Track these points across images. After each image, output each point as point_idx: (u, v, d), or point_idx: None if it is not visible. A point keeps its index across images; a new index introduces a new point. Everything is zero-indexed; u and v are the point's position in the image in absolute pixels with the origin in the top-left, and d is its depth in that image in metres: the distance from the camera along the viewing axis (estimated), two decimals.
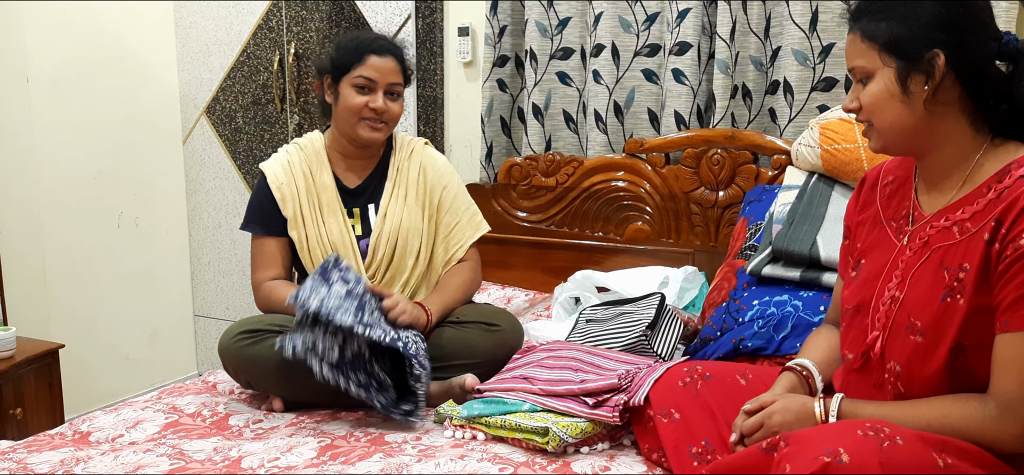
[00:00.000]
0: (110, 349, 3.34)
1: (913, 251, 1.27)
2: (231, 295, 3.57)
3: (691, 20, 2.44)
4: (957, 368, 1.19)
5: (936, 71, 1.20)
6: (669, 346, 1.89)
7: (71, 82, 3.12)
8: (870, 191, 1.43)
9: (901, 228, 1.32)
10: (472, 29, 2.89)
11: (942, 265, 1.22)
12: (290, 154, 2.06)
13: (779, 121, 2.42)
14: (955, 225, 1.22)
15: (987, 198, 1.20)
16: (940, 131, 1.25)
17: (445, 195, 2.09)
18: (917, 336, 1.22)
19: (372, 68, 1.98)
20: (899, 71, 1.23)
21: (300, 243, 2.00)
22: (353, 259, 1.99)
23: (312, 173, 2.04)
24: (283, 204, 2.00)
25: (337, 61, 2.01)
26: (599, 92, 2.61)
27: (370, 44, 2.00)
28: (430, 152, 2.14)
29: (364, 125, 1.99)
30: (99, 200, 3.26)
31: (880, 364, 1.28)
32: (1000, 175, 1.21)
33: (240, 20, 3.35)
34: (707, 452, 1.37)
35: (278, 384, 1.81)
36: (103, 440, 1.67)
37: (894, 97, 1.24)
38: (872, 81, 1.26)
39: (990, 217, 1.17)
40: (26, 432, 2.39)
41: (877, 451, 1.04)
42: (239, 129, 3.45)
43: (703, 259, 2.49)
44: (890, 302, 1.27)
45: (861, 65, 1.26)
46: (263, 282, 2.00)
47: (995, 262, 1.16)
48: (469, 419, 1.60)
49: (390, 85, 2.00)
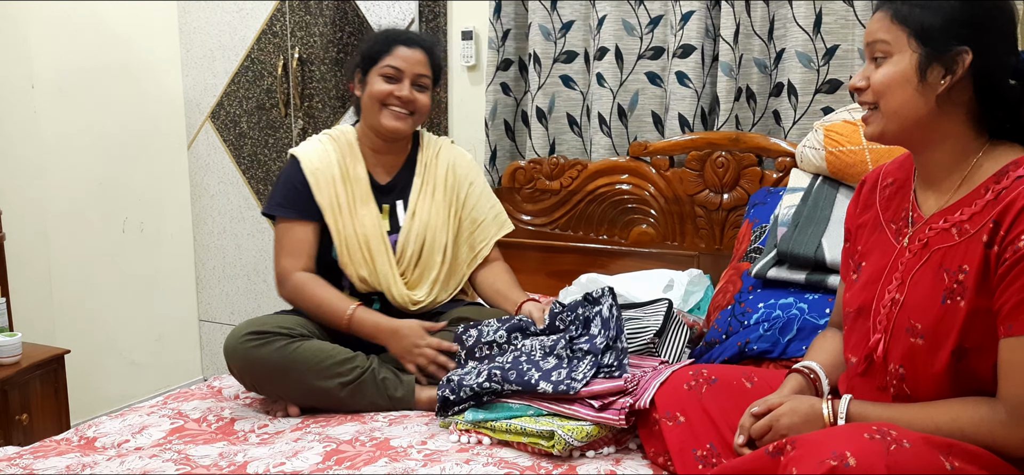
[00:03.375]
0: (115, 354, 3.35)
1: (913, 253, 1.27)
2: (236, 300, 3.58)
3: (695, 23, 2.44)
4: (960, 370, 1.19)
5: (959, 68, 1.20)
6: (676, 352, 1.88)
7: (76, 88, 3.13)
8: (870, 193, 1.43)
9: (901, 230, 1.32)
10: (475, 33, 2.89)
11: (942, 267, 1.21)
12: (323, 143, 2.05)
13: (783, 123, 2.42)
14: (954, 227, 1.22)
15: (985, 199, 1.20)
16: (941, 128, 1.25)
17: (471, 191, 2.11)
18: (918, 338, 1.22)
19: (400, 58, 2.00)
20: (922, 58, 1.22)
21: (337, 232, 1.97)
22: (385, 253, 1.98)
23: (347, 164, 2.03)
24: (318, 190, 1.98)
25: (367, 52, 2.03)
26: (603, 95, 2.61)
27: (399, 35, 2.04)
28: (457, 149, 2.16)
29: (388, 113, 2.00)
30: (104, 205, 3.27)
31: (883, 367, 1.27)
32: (998, 176, 1.20)
33: (244, 25, 3.35)
34: (712, 455, 1.37)
35: (284, 387, 1.81)
36: (109, 445, 1.67)
37: (909, 82, 1.23)
38: (889, 61, 1.24)
39: (988, 218, 1.17)
40: (32, 438, 2.40)
41: (884, 454, 1.04)
42: (243, 134, 3.45)
43: (708, 262, 2.49)
44: (891, 305, 1.27)
45: (883, 41, 1.25)
46: (292, 272, 1.95)
47: (994, 265, 1.15)
48: (474, 423, 1.60)
49: (417, 76, 2.01)
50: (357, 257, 1.97)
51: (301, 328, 1.86)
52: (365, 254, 1.97)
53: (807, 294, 1.84)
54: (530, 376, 1.60)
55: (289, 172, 2.02)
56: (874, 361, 1.28)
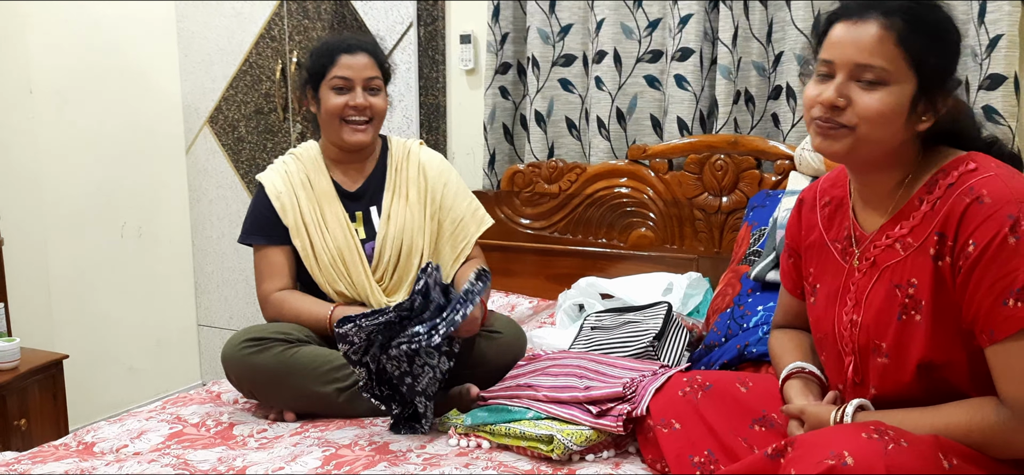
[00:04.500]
0: (114, 359, 3.35)
1: (862, 273, 1.27)
2: (235, 304, 3.57)
3: (693, 26, 2.44)
4: (934, 382, 1.19)
5: (943, 107, 1.19)
6: (676, 356, 1.88)
7: (74, 93, 3.13)
8: (810, 213, 1.42)
9: (846, 250, 1.32)
10: (474, 37, 2.89)
11: (892, 283, 1.21)
12: (287, 164, 2.06)
13: (782, 126, 2.42)
14: (897, 242, 1.22)
15: (921, 211, 1.19)
16: (901, 153, 1.23)
17: (446, 192, 2.10)
18: (883, 357, 1.22)
19: (345, 67, 1.99)
20: (917, 92, 1.17)
21: (304, 252, 1.99)
22: (359, 264, 1.98)
23: (310, 180, 2.03)
24: (283, 213, 1.99)
25: (312, 68, 2.02)
26: (601, 98, 2.61)
27: (339, 44, 2.02)
28: (427, 151, 2.15)
29: (348, 128, 2.00)
30: (102, 210, 3.26)
31: (864, 389, 1.28)
32: (929, 186, 1.20)
33: (242, 29, 3.36)
34: (710, 461, 1.37)
35: (282, 393, 1.80)
36: (107, 451, 1.67)
37: (899, 117, 1.17)
38: (885, 90, 1.16)
39: (930, 231, 1.17)
40: (30, 443, 2.40)
41: (882, 453, 1.04)
42: (242, 138, 3.45)
43: (707, 265, 2.49)
44: (850, 326, 1.27)
45: (882, 68, 1.15)
46: (271, 293, 1.98)
47: (950, 277, 1.15)
48: (473, 427, 1.59)
49: (367, 80, 2.00)
50: (330, 273, 1.97)
51: (298, 333, 1.86)
52: (339, 268, 1.98)
53: None
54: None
55: (256, 199, 2.05)
56: (848, 384, 1.29)
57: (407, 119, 3.04)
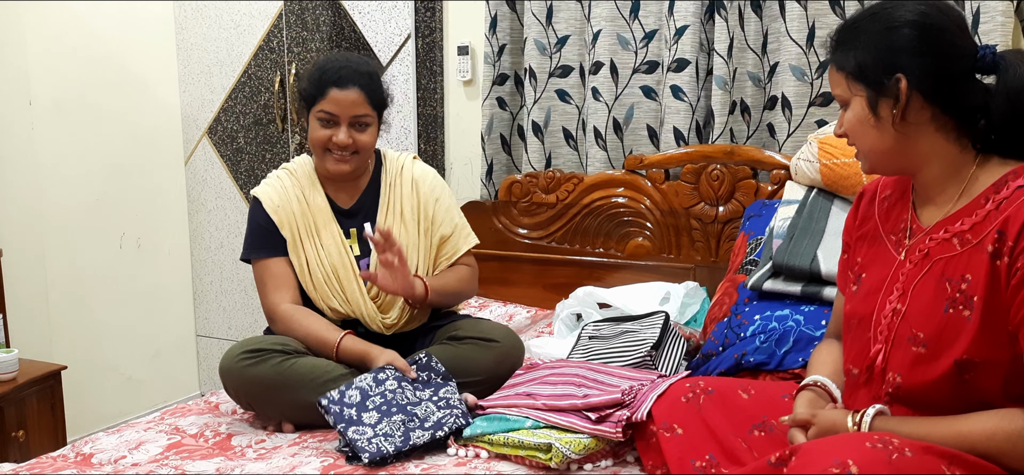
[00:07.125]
0: (112, 370, 3.34)
1: (913, 264, 1.27)
2: (233, 315, 3.57)
3: (689, 37, 2.46)
4: (964, 382, 1.19)
5: (900, 94, 1.23)
6: (673, 365, 1.89)
7: (73, 104, 3.14)
8: (868, 205, 1.44)
9: (900, 241, 1.32)
10: (471, 48, 2.91)
11: (944, 277, 1.22)
12: (281, 178, 2.05)
13: (778, 136, 2.43)
14: (955, 236, 1.23)
15: (986, 209, 1.20)
16: (920, 149, 1.27)
17: (438, 207, 2.09)
18: (920, 347, 1.22)
19: (333, 102, 1.92)
20: (869, 98, 1.27)
21: (300, 267, 1.98)
22: (354, 281, 1.98)
23: (305, 196, 2.02)
24: (281, 227, 1.99)
25: (304, 93, 1.98)
26: (598, 109, 2.62)
27: (333, 75, 1.93)
28: (420, 165, 2.14)
29: (330, 158, 1.97)
30: (101, 221, 3.27)
31: (882, 376, 1.27)
32: (998, 186, 1.21)
33: (241, 41, 3.37)
34: (711, 465, 1.37)
35: (280, 404, 1.81)
36: (106, 462, 1.67)
37: (867, 123, 1.28)
38: (849, 108, 1.30)
39: (991, 228, 1.18)
40: (28, 455, 2.39)
41: (886, 463, 1.04)
42: (241, 150, 3.46)
43: (704, 274, 2.49)
44: (892, 315, 1.27)
45: (839, 94, 1.32)
46: (280, 305, 1.94)
47: (1005, 277, 1.15)
48: (472, 437, 1.60)
49: (354, 117, 1.95)
50: (325, 289, 1.96)
51: (296, 344, 1.86)
52: (334, 284, 1.97)
53: (803, 306, 1.85)
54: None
55: (253, 213, 2.03)
56: (874, 371, 1.28)
57: (405, 130, 3.05)
